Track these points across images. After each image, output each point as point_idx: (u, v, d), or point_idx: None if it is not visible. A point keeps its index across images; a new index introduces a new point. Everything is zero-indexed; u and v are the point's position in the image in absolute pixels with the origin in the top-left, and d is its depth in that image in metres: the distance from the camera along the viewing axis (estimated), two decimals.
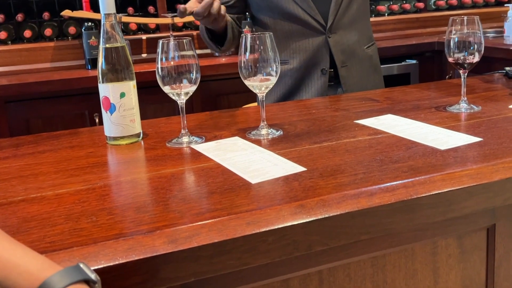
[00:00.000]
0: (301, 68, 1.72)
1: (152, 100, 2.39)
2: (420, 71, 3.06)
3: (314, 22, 1.68)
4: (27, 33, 2.78)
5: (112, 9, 1.19)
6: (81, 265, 0.62)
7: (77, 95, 2.54)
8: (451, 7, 3.65)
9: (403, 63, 3.03)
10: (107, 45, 1.19)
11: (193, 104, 2.64)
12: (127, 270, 0.72)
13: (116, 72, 1.20)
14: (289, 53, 1.72)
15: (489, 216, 0.99)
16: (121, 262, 0.71)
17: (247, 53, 1.17)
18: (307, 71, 1.72)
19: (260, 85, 1.19)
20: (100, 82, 1.21)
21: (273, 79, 1.19)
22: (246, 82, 1.20)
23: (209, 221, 0.79)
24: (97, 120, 2.52)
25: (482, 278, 1.04)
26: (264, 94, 1.22)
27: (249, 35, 1.16)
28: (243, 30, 1.86)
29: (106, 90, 1.20)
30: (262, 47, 1.16)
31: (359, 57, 1.76)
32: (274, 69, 1.18)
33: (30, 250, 0.63)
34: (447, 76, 2.99)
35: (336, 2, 1.68)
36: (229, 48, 1.70)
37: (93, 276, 0.62)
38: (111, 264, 0.71)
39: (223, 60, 2.80)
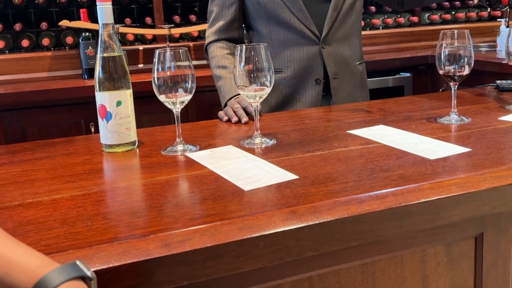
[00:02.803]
0: (295, 77, 1.74)
1: (147, 110, 2.40)
2: (414, 84, 3.09)
3: (309, 32, 1.70)
4: (25, 43, 2.80)
5: (110, 19, 1.21)
6: (78, 262, 0.64)
7: (73, 104, 2.55)
8: (444, 21, 3.70)
9: (397, 76, 3.06)
10: (105, 54, 1.21)
11: (188, 114, 2.66)
12: (121, 273, 0.73)
13: (113, 81, 1.21)
14: (283, 62, 1.74)
15: (477, 224, 1.01)
16: (115, 265, 0.73)
17: (242, 63, 1.19)
18: (301, 80, 1.74)
19: (254, 94, 1.21)
20: (97, 91, 1.22)
21: (267, 89, 1.21)
22: (241, 92, 1.22)
23: (202, 226, 0.80)
24: (92, 130, 2.54)
25: (470, 287, 1.05)
26: (258, 104, 1.24)
27: (244, 46, 1.19)
28: None
29: (102, 98, 1.22)
30: (256, 58, 1.18)
31: (351, 71, 1.79)
32: (269, 79, 1.20)
33: (30, 248, 0.65)
34: (440, 89, 3.02)
35: (331, 15, 1.71)
36: None
37: (89, 273, 0.64)
38: (105, 266, 0.72)
39: None
